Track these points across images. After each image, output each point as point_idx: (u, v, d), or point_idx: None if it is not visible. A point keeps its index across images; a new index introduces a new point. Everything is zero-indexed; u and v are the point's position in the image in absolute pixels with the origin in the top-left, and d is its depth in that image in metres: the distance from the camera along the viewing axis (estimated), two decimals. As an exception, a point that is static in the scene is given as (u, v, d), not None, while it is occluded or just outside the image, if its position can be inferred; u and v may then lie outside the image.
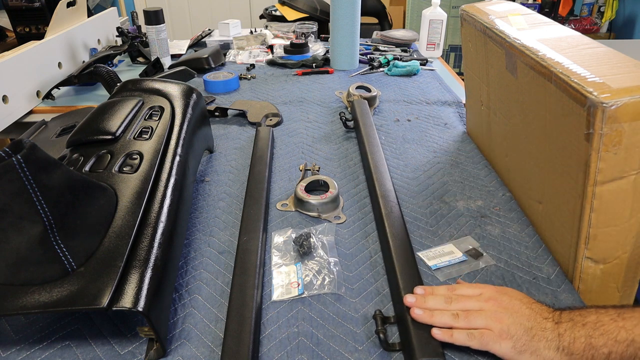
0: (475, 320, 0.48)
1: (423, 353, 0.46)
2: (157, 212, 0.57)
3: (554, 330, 0.46)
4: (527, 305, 0.49)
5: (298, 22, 1.73)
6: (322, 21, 1.85)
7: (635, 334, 0.42)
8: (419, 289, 0.53)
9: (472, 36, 0.83)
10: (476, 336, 0.47)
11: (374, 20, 2.24)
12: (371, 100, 1.10)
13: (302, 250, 0.63)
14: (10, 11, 1.63)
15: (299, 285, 0.58)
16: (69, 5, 1.40)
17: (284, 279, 0.59)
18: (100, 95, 1.28)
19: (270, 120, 1.05)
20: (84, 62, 1.41)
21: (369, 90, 1.13)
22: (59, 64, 1.31)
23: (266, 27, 1.86)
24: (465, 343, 0.48)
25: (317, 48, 1.58)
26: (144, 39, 1.55)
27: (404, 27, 2.86)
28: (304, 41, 1.52)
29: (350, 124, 1.00)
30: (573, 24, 3.17)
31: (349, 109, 1.10)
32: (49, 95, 1.21)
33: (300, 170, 0.85)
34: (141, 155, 0.65)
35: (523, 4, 2.42)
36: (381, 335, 0.50)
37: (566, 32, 0.66)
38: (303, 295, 0.57)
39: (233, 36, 1.68)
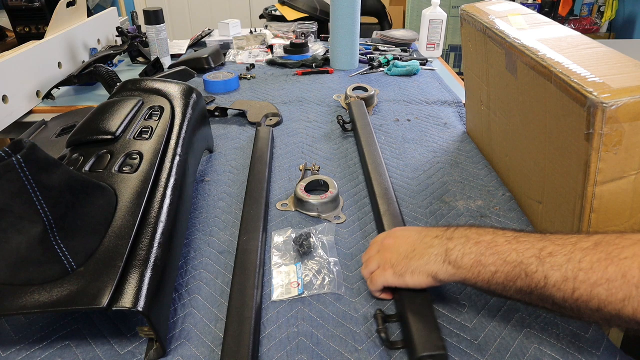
0: (370, 264, 0.56)
1: (424, 348, 0.46)
2: (157, 212, 0.57)
3: (442, 246, 0.49)
4: (415, 232, 0.53)
5: (298, 22, 1.73)
6: (322, 21, 1.85)
7: (524, 257, 0.43)
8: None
9: (472, 36, 0.83)
10: (371, 280, 0.55)
11: (374, 20, 2.24)
12: (369, 100, 1.10)
13: (302, 250, 0.63)
14: (10, 11, 1.63)
15: (299, 285, 0.58)
16: (69, 5, 1.40)
17: (284, 279, 0.59)
18: (100, 95, 1.28)
19: (270, 120, 1.05)
20: (84, 62, 1.41)
21: (366, 90, 1.13)
22: (59, 64, 1.31)
23: (266, 27, 1.86)
24: (371, 289, 0.56)
25: (317, 48, 1.58)
26: (144, 39, 1.55)
27: (404, 27, 2.86)
28: (304, 41, 1.52)
29: (349, 126, 1.00)
30: (573, 24, 3.17)
31: (347, 111, 1.10)
32: (49, 95, 1.21)
33: (300, 170, 0.85)
34: (141, 155, 0.65)
35: (523, 4, 2.42)
36: (383, 335, 0.50)
37: (566, 32, 0.66)
38: (303, 295, 0.57)
39: (233, 36, 1.68)
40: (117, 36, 1.62)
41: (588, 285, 0.39)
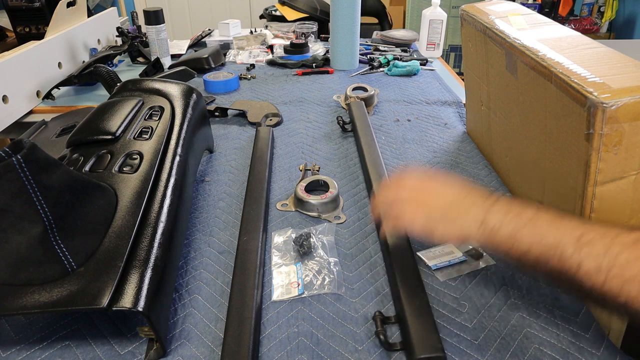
0: (398, 210, 0.54)
1: (422, 350, 0.46)
2: (157, 212, 0.57)
3: (482, 210, 0.48)
4: (458, 188, 0.53)
5: (298, 22, 1.73)
6: (322, 21, 1.84)
7: (562, 242, 0.42)
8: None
9: (472, 36, 0.83)
10: (394, 225, 0.54)
11: (374, 20, 2.24)
12: (369, 100, 1.10)
13: (302, 250, 0.63)
14: (10, 11, 1.63)
15: (299, 285, 0.58)
16: (69, 5, 1.40)
17: (284, 279, 0.59)
18: (100, 95, 1.28)
19: (270, 120, 1.05)
20: (84, 62, 1.41)
21: (365, 90, 1.13)
22: (59, 64, 1.31)
23: (266, 27, 1.86)
24: (389, 232, 0.57)
25: (317, 48, 1.58)
26: (144, 39, 1.55)
27: (404, 27, 2.86)
28: (304, 41, 1.52)
29: (348, 127, 1.00)
30: (573, 24, 3.17)
31: (347, 111, 1.10)
32: (49, 95, 1.21)
33: (300, 170, 0.85)
34: (141, 155, 0.65)
35: (523, 4, 2.42)
36: (381, 337, 0.50)
37: (566, 32, 0.66)
38: (303, 295, 0.57)
39: (233, 36, 1.68)
40: (117, 36, 1.61)
41: (620, 280, 0.39)
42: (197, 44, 1.70)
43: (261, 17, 2.08)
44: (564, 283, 0.43)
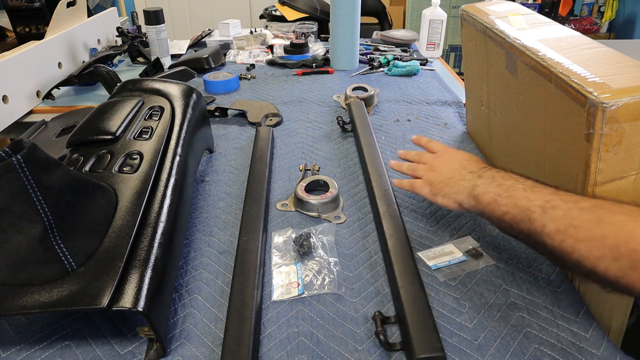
0: (417, 171, 0.68)
1: (422, 350, 0.46)
2: (157, 212, 0.57)
3: (472, 180, 0.57)
4: (458, 162, 0.62)
5: (298, 22, 1.73)
6: (322, 21, 1.84)
7: (532, 204, 0.48)
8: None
9: (472, 36, 0.83)
10: (411, 183, 0.67)
11: (374, 20, 2.24)
12: (369, 100, 1.10)
13: (302, 250, 0.63)
14: (10, 11, 1.63)
15: (299, 285, 0.58)
16: (69, 5, 1.40)
17: (284, 279, 0.59)
18: (100, 95, 1.28)
19: (270, 120, 1.05)
20: (84, 62, 1.41)
21: (365, 90, 1.13)
22: (59, 64, 1.31)
23: (266, 27, 1.86)
24: (405, 188, 0.68)
25: (317, 48, 1.58)
26: (144, 39, 1.55)
27: (404, 27, 2.86)
28: (304, 41, 1.52)
29: (348, 127, 1.00)
30: (573, 24, 3.17)
31: (347, 111, 1.10)
32: (49, 95, 1.21)
33: (300, 170, 0.85)
34: (141, 155, 0.65)
35: (523, 4, 2.42)
36: (381, 337, 0.50)
37: (566, 32, 0.66)
38: (303, 295, 0.57)
39: (233, 36, 1.68)
40: (117, 36, 1.62)
41: (574, 239, 0.44)
42: (197, 44, 1.70)
43: (261, 17, 2.08)
44: (533, 244, 0.48)
